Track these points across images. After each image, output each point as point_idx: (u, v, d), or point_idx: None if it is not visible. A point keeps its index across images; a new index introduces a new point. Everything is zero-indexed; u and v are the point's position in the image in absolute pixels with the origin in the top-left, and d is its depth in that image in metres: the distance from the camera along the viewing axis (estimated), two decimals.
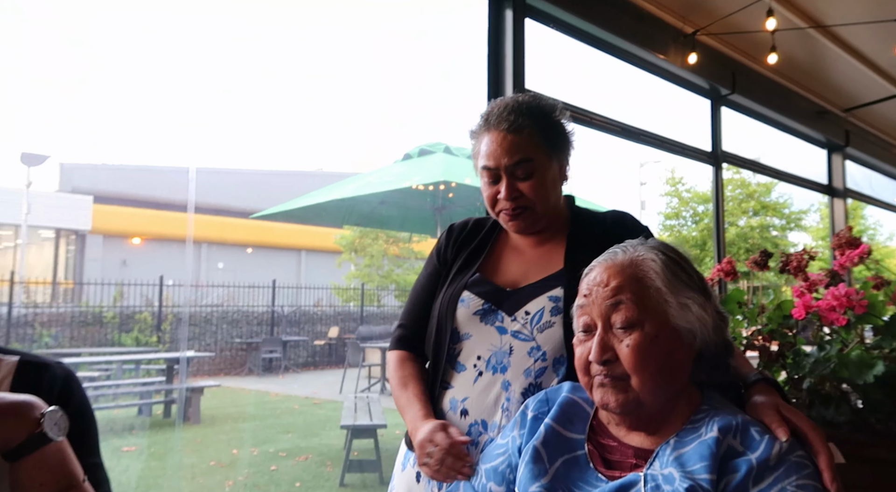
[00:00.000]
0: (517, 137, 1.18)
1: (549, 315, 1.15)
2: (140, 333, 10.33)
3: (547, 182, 1.20)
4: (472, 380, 1.18)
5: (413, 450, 1.23)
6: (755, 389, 0.93)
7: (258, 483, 4.72)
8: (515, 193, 1.19)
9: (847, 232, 1.15)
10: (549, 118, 1.22)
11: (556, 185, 1.24)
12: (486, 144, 1.21)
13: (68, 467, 0.74)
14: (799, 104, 4.33)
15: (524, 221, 1.22)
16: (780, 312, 1.25)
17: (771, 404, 0.88)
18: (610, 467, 0.90)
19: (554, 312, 1.15)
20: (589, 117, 3.12)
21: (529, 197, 1.19)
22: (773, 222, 12.80)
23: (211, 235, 16.22)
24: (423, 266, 1.40)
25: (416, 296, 1.35)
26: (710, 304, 0.90)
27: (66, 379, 0.88)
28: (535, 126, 1.19)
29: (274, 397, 8.86)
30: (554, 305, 1.16)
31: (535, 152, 1.18)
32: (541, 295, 1.18)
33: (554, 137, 1.22)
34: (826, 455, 0.80)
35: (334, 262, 16.36)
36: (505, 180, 1.19)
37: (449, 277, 1.30)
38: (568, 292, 1.14)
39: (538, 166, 1.18)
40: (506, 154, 1.18)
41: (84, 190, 14.42)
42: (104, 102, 20.50)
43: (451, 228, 1.37)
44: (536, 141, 1.18)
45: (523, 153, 1.17)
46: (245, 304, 12.51)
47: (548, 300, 1.17)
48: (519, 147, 1.17)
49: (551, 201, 1.22)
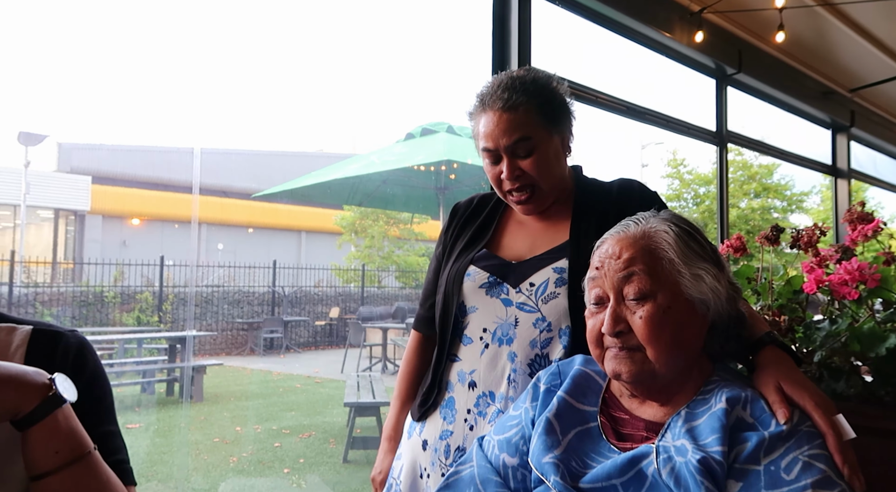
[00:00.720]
0: (513, 115, 1.16)
1: (554, 286, 1.16)
2: (141, 312, 10.36)
3: (549, 158, 1.19)
4: (479, 352, 1.19)
5: (417, 421, 1.27)
6: (764, 354, 0.91)
7: (262, 459, 4.77)
8: (517, 171, 1.18)
9: (860, 206, 1.15)
10: (544, 91, 1.19)
11: (560, 158, 1.23)
12: (483, 125, 1.20)
13: (80, 433, 0.74)
14: (805, 84, 4.29)
15: (534, 204, 1.21)
16: (789, 287, 1.25)
17: (774, 377, 0.85)
18: (622, 440, 0.91)
19: (559, 283, 1.15)
20: (594, 96, 3.10)
21: (532, 175, 1.18)
22: (775, 204, 12.78)
23: (211, 215, 16.19)
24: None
25: (429, 278, 1.38)
26: (723, 275, 0.90)
27: (80, 347, 0.87)
28: (531, 102, 1.17)
29: (276, 376, 8.92)
30: (559, 276, 1.16)
31: (533, 129, 1.16)
32: (545, 266, 1.18)
33: (552, 111, 1.19)
34: (833, 437, 0.77)
35: (335, 243, 16.36)
36: (506, 160, 1.18)
37: (455, 252, 1.31)
38: (573, 263, 1.15)
39: (538, 143, 1.17)
40: (504, 134, 1.16)
41: (83, 170, 14.35)
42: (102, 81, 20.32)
43: (457, 207, 1.39)
44: (533, 117, 1.16)
45: (521, 132, 1.16)
46: (246, 284, 12.54)
47: (552, 272, 1.17)
48: (516, 126, 1.16)
49: (556, 176, 1.22)
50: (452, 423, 1.20)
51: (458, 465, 1.03)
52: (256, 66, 22.16)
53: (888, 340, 0.94)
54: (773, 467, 0.76)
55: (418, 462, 1.24)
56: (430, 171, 5.58)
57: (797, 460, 0.76)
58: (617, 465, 0.84)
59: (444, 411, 1.22)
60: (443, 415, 1.22)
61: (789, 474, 0.75)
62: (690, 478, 0.77)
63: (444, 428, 1.21)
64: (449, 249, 1.34)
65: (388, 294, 14.58)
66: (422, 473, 1.22)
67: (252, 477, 4.39)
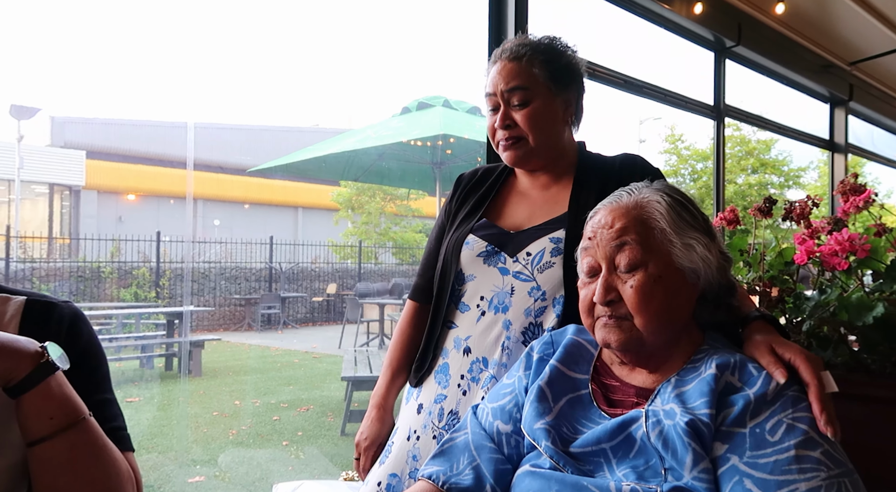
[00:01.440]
0: (516, 64, 1.20)
1: (550, 256, 1.17)
2: (139, 288, 10.38)
3: (543, 114, 1.20)
4: (475, 319, 1.21)
5: (416, 386, 1.30)
6: (752, 326, 0.93)
7: (261, 432, 4.84)
8: (508, 120, 1.21)
9: (852, 178, 1.15)
10: (553, 51, 1.22)
11: (556, 121, 1.23)
12: (490, 74, 1.24)
13: (74, 399, 0.74)
14: (804, 57, 4.26)
15: (517, 151, 1.23)
16: (781, 258, 1.26)
17: (765, 341, 0.87)
18: (612, 406, 0.92)
19: (554, 253, 1.17)
20: (592, 69, 3.07)
21: (522, 127, 1.20)
22: (772, 180, 12.78)
23: (207, 191, 16.12)
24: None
25: (429, 248, 1.40)
26: (714, 244, 0.91)
27: (74, 317, 0.88)
28: (537, 56, 1.20)
29: (274, 351, 8.99)
30: (555, 246, 1.18)
31: (532, 81, 1.19)
32: (542, 236, 1.20)
33: (555, 70, 1.21)
34: (816, 386, 0.80)
35: (331, 219, 16.33)
36: (502, 107, 1.22)
37: (457, 221, 1.32)
38: (570, 234, 1.16)
39: (534, 96, 1.20)
40: (503, 80, 1.20)
41: (77, 144, 14.22)
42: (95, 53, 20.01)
43: (461, 178, 1.41)
44: (536, 70, 1.19)
45: (519, 80, 1.19)
46: (243, 260, 12.55)
47: (549, 242, 1.19)
48: (516, 74, 1.19)
49: (548, 137, 1.23)
50: (447, 387, 1.23)
51: (453, 432, 1.05)
52: (251, 39, 21.84)
53: (875, 309, 0.95)
54: (759, 429, 0.78)
55: (409, 426, 1.26)
56: (426, 146, 5.55)
57: (781, 423, 0.77)
58: (607, 430, 0.86)
59: (439, 375, 1.25)
60: (437, 379, 1.25)
61: (774, 436, 0.76)
62: (678, 439, 0.78)
63: (438, 392, 1.24)
64: (452, 218, 1.35)
65: (385, 270, 14.62)
66: (410, 435, 1.25)
67: (251, 449, 4.45)
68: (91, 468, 0.74)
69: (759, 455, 0.76)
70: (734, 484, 0.75)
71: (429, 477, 0.96)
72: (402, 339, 1.40)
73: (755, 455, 0.76)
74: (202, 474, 3.87)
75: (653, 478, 0.80)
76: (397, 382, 1.38)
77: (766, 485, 0.73)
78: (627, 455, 0.84)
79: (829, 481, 0.73)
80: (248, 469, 4.00)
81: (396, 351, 1.40)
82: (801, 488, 0.72)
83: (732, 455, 0.77)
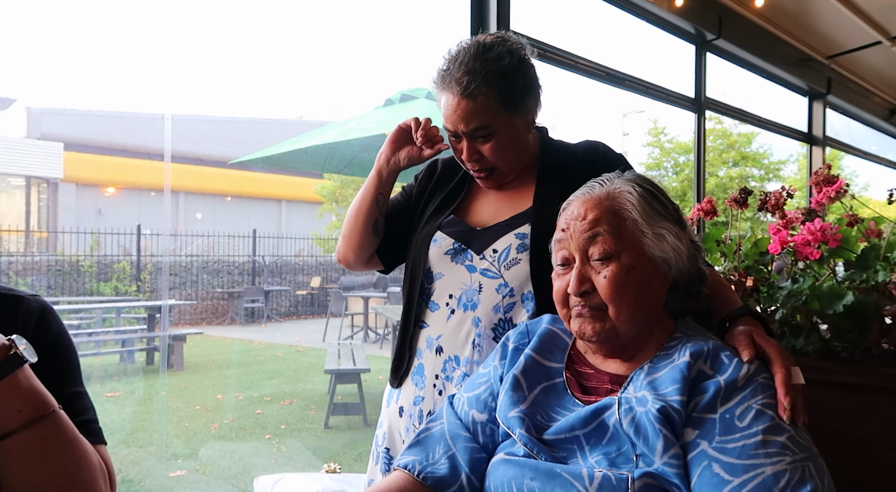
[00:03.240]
0: (472, 103, 1.12)
1: (516, 252, 1.17)
2: (119, 282, 10.25)
3: (508, 143, 1.18)
4: (445, 318, 1.21)
5: (397, 387, 1.28)
6: (742, 320, 0.95)
7: (244, 426, 4.82)
8: (476, 155, 1.18)
9: (826, 169, 1.16)
10: (506, 76, 1.13)
11: (520, 139, 1.22)
12: (443, 106, 1.17)
13: (43, 392, 0.74)
14: (783, 51, 4.30)
15: (493, 181, 1.23)
16: (756, 249, 1.28)
17: (746, 331, 0.90)
18: (586, 393, 0.93)
19: (520, 249, 1.17)
20: (573, 61, 3.07)
21: (490, 159, 1.18)
22: (753, 173, 12.93)
23: (188, 184, 15.93)
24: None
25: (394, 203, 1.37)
26: (684, 234, 0.92)
27: (42, 310, 0.87)
28: (491, 89, 1.12)
29: (257, 345, 8.94)
30: (520, 242, 1.18)
31: (492, 117, 1.14)
32: (508, 233, 1.20)
33: (512, 97, 1.15)
34: (782, 373, 0.82)
35: (315, 212, 16.24)
36: (465, 143, 1.18)
37: (425, 216, 1.31)
38: (535, 229, 1.16)
39: (496, 129, 1.15)
40: (461, 121, 1.14)
41: (53, 136, 13.96)
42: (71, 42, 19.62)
43: (436, 164, 1.38)
44: (492, 105, 1.13)
45: (479, 121, 1.13)
46: (225, 253, 12.44)
47: (514, 238, 1.19)
48: (474, 115, 1.13)
49: (517, 156, 1.22)
50: (423, 389, 1.22)
51: (429, 422, 1.05)
52: (233, 30, 21.56)
53: (845, 298, 0.97)
54: (728, 414, 0.79)
55: (396, 429, 1.27)
56: None
57: (751, 409, 0.79)
58: (580, 417, 0.87)
59: (416, 377, 1.24)
60: (414, 381, 1.24)
61: (742, 422, 0.78)
62: (650, 426, 0.79)
63: (416, 394, 1.23)
64: (421, 211, 1.34)
65: None
66: (404, 439, 1.25)
67: (233, 442, 4.43)
68: (61, 461, 0.74)
69: (727, 440, 0.77)
70: (703, 468, 0.76)
71: (404, 467, 0.96)
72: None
73: (724, 440, 0.77)
74: (183, 467, 3.84)
75: (624, 464, 0.81)
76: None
77: (733, 469, 0.75)
78: (600, 442, 0.85)
79: (793, 465, 0.74)
80: (230, 463, 3.98)
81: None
82: (766, 472, 0.73)
83: (702, 440, 0.78)
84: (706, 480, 0.76)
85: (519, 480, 0.85)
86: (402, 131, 1.28)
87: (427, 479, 0.93)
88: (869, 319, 1.00)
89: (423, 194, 1.35)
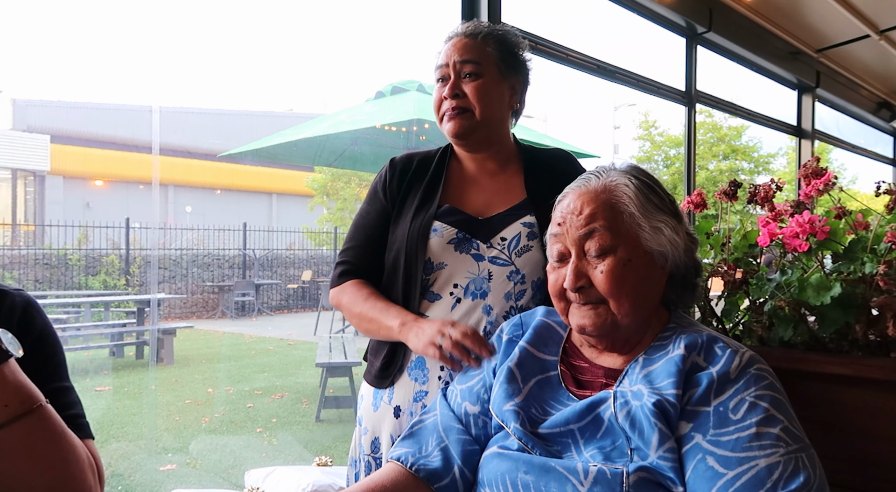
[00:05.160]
0: (472, 40, 1.23)
1: (527, 239, 1.19)
2: (107, 275, 10.17)
3: (492, 91, 1.23)
4: (449, 307, 1.19)
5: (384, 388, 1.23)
6: None
7: (235, 420, 4.81)
8: (458, 90, 1.22)
9: (814, 162, 1.17)
10: (506, 37, 1.26)
11: (502, 102, 1.26)
12: (443, 50, 1.27)
13: (29, 387, 0.73)
14: (773, 44, 4.31)
15: (462, 121, 1.23)
16: (745, 241, 1.28)
17: None
18: (581, 387, 0.93)
19: (531, 237, 1.19)
20: (564, 53, 3.07)
21: (470, 98, 1.22)
22: (742, 166, 13.00)
23: (177, 176, 15.79)
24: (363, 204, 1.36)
25: (363, 232, 1.30)
26: (681, 226, 0.92)
27: (27, 305, 0.86)
28: (491, 37, 1.24)
29: (248, 338, 8.91)
30: (529, 230, 1.19)
31: (485, 58, 1.23)
32: (515, 221, 1.21)
33: (508, 58, 1.25)
34: None
35: (306, 205, 16.16)
36: (452, 78, 1.23)
37: (408, 210, 1.27)
38: (539, 219, 1.18)
39: (485, 71, 1.22)
40: (457, 52, 1.23)
41: (40, 129, 13.78)
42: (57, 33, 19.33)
43: (394, 163, 1.34)
44: (489, 50, 1.23)
45: (473, 54, 1.22)
46: (215, 247, 12.36)
47: (522, 226, 1.20)
48: (470, 48, 1.23)
49: (493, 113, 1.24)
50: (426, 382, 1.19)
51: (422, 414, 1.05)
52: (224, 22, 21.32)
53: (833, 289, 0.98)
54: (722, 407, 0.79)
55: (388, 433, 1.21)
56: (400, 131, 5.50)
57: (744, 401, 0.79)
58: (575, 411, 0.87)
59: (415, 372, 1.20)
60: (413, 377, 1.20)
61: (736, 414, 0.78)
62: (645, 420, 0.79)
63: (417, 389, 1.19)
64: (399, 206, 1.29)
65: None
66: (394, 440, 1.20)
67: (224, 436, 4.42)
68: (49, 455, 0.73)
69: (721, 433, 0.77)
70: (697, 462, 0.77)
71: (397, 459, 0.96)
72: (366, 293, 1.25)
73: (718, 433, 0.77)
74: (174, 461, 3.83)
75: (619, 458, 0.81)
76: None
77: (727, 462, 0.75)
78: (595, 436, 0.85)
79: (786, 457, 0.74)
80: (221, 456, 3.97)
81: (377, 300, 1.24)
82: (760, 464, 0.74)
83: (696, 434, 0.79)
84: (700, 473, 0.76)
85: (513, 473, 0.85)
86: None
87: (420, 471, 0.93)
88: (856, 311, 1.01)
89: (398, 193, 1.30)
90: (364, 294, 1.26)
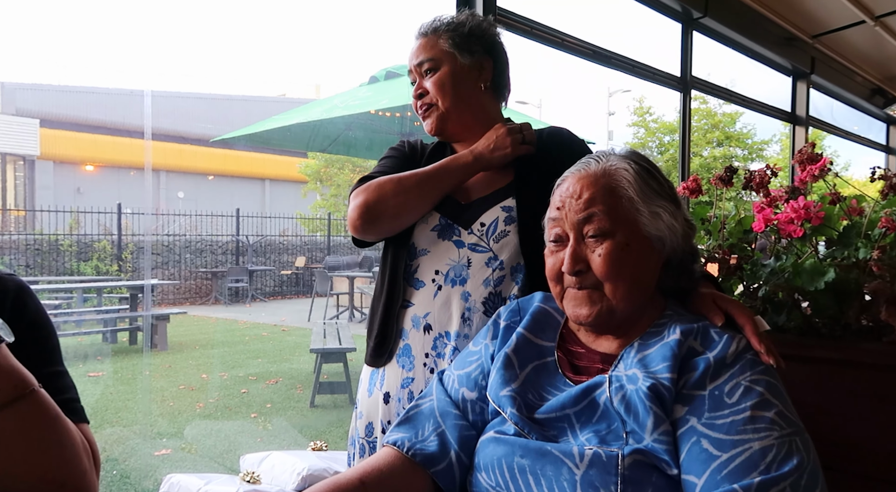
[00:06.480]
0: (425, 39, 1.28)
1: (504, 225, 1.18)
2: (100, 261, 10.12)
3: (448, 79, 1.25)
4: (431, 295, 1.20)
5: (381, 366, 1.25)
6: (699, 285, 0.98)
7: (229, 405, 4.82)
8: (420, 89, 1.28)
9: (809, 147, 1.17)
10: (460, 24, 1.28)
11: (466, 85, 1.27)
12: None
13: (21, 371, 0.73)
14: (769, 30, 4.30)
15: (430, 118, 1.28)
16: (740, 227, 1.29)
17: (708, 295, 0.94)
18: (578, 373, 0.94)
19: (508, 222, 1.18)
20: (559, 38, 3.05)
21: (431, 94, 1.25)
22: (736, 153, 13.02)
23: (169, 162, 15.67)
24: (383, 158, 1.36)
25: (387, 170, 1.29)
26: (679, 212, 0.92)
27: (19, 290, 0.85)
28: (441, 29, 1.27)
29: (242, 324, 8.91)
30: (507, 214, 1.18)
31: (438, 52, 1.26)
32: (493, 206, 1.20)
33: (465, 41, 1.27)
34: (750, 325, 0.86)
35: (299, 191, 16.10)
36: (417, 80, 1.29)
37: None
38: (520, 201, 1.18)
39: (440, 64, 1.26)
40: (414, 55, 1.29)
41: (29, 112, 13.61)
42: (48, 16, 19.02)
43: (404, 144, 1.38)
44: (441, 42, 1.26)
45: (427, 53, 1.27)
46: (208, 233, 12.31)
47: (501, 210, 1.19)
48: (424, 47, 1.27)
49: (458, 99, 1.26)
50: (412, 369, 1.20)
51: (419, 399, 1.05)
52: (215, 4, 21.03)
53: (827, 275, 0.98)
54: (717, 391, 0.80)
55: (378, 419, 1.23)
56: (394, 116, 5.47)
57: (739, 385, 0.79)
58: (571, 395, 0.87)
59: (402, 359, 1.21)
60: (401, 363, 1.21)
61: (731, 398, 0.79)
62: (640, 403, 0.80)
63: (404, 376, 1.21)
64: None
65: None
66: (385, 427, 1.22)
67: (218, 421, 4.43)
68: (44, 439, 0.73)
69: (716, 416, 0.78)
70: (692, 444, 0.77)
71: (394, 443, 0.96)
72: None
73: (713, 416, 0.78)
74: (168, 446, 3.84)
75: (614, 441, 0.82)
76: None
77: (721, 444, 0.76)
78: (590, 420, 0.85)
79: (780, 440, 0.75)
80: (216, 441, 3.99)
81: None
82: (754, 447, 0.74)
83: (691, 417, 0.79)
84: (695, 455, 0.77)
85: (509, 458, 0.86)
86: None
87: (416, 456, 0.93)
88: (849, 296, 1.02)
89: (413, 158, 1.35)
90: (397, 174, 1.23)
